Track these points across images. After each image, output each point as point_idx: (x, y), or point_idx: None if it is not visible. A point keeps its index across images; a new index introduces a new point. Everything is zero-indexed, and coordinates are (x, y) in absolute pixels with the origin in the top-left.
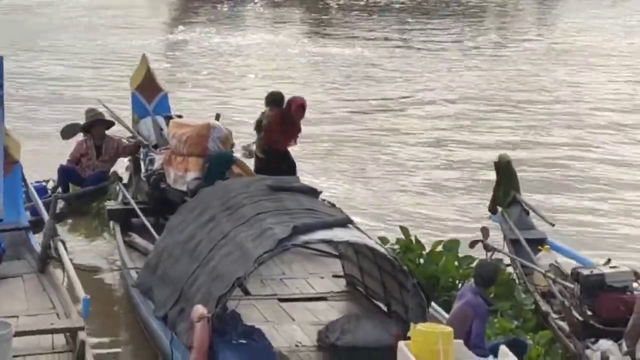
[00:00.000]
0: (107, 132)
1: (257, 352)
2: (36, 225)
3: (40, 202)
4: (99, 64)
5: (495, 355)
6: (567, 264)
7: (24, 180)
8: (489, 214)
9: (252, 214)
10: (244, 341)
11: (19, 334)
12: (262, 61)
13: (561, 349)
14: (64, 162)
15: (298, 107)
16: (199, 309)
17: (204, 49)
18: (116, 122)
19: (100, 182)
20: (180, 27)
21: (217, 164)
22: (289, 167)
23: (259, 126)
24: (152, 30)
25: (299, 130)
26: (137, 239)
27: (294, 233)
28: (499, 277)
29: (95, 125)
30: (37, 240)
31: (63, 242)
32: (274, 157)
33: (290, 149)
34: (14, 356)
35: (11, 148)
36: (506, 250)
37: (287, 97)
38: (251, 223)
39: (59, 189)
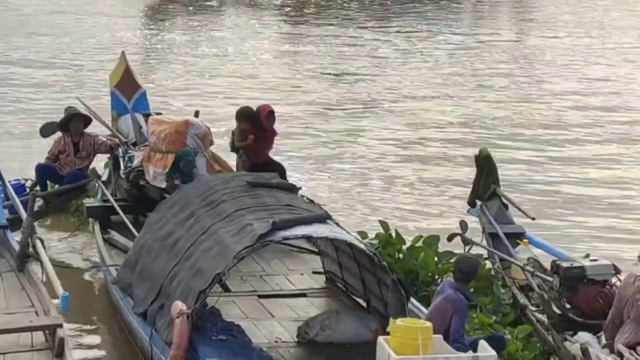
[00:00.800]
0: (86, 130)
1: (237, 348)
2: (14, 223)
3: (18, 201)
4: (75, 61)
5: (475, 351)
6: (545, 259)
7: (1, 178)
8: (467, 207)
9: (232, 210)
10: (223, 337)
11: None
12: (237, 61)
13: (539, 343)
14: (42, 161)
15: (267, 115)
16: (178, 305)
17: (180, 48)
18: (95, 120)
19: (79, 180)
20: (155, 26)
21: (181, 162)
22: (280, 174)
23: (233, 145)
24: (128, 27)
25: (275, 134)
26: (116, 236)
27: (274, 229)
28: (479, 272)
29: (73, 120)
30: (15, 238)
31: (41, 240)
32: (261, 171)
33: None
34: None
35: None
36: (485, 244)
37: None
38: (231, 219)
39: (37, 187)
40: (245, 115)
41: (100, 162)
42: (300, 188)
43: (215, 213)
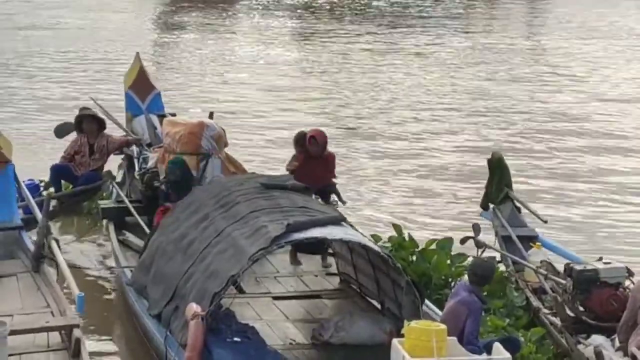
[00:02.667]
0: (104, 131)
1: (251, 350)
2: (28, 223)
3: (33, 201)
4: (89, 63)
5: (489, 353)
6: (558, 262)
7: (16, 179)
8: (480, 210)
9: (246, 212)
10: (238, 339)
11: (14, 332)
12: (252, 66)
13: (552, 346)
14: (57, 162)
15: (310, 139)
16: (193, 307)
17: (194, 50)
18: (110, 121)
19: (93, 182)
20: (169, 31)
21: (173, 168)
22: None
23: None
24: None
25: (328, 161)
26: (131, 237)
27: (288, 231)
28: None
29: (84, 122)
30: (30, 238)
31: (57, 241)
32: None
33: None
34: (10, 355)
35: (3, 148)
36: (497, 246)
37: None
38: (245, 221)
39: (52, 188)
40: (295, 140)
41: (114, 163)
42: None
43: (230, 215)
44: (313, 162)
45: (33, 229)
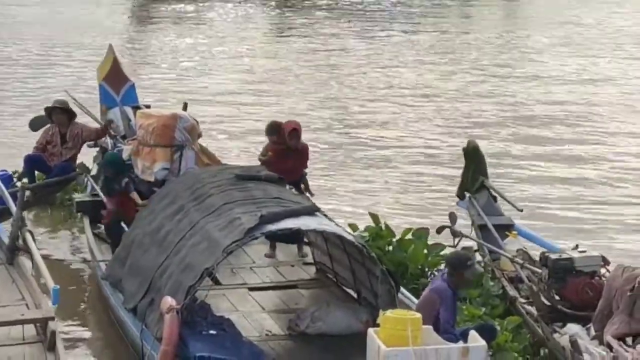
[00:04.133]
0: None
1: (227, 342)
2: (1, 215)
3: (6, 192)
4: (66, 54)
5: (465, 341)
6: (535, 250)
7: None
8: (456, 199)
9: (220, 204)
10: (213, 331)
11: None
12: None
13: (528, 334)
14: (30, 152)
15: (290, 132)
16: (168, 301)
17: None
18: (85, 113)
19: (67, 173)
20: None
21: (108, 165)
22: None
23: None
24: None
25: (303, 153)
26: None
27: (262, 222)
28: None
29: (54, 112)
30: (3, 229)
31: (31, 233)
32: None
33: None
34: None
35: None
36: (474, 236)
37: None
38: (219, 212)
39: (25, 179)
40: (269, 130)
41: (88, 157)
42: None
43: (204, 207)
44: (286, 154)
45: (6, 220)
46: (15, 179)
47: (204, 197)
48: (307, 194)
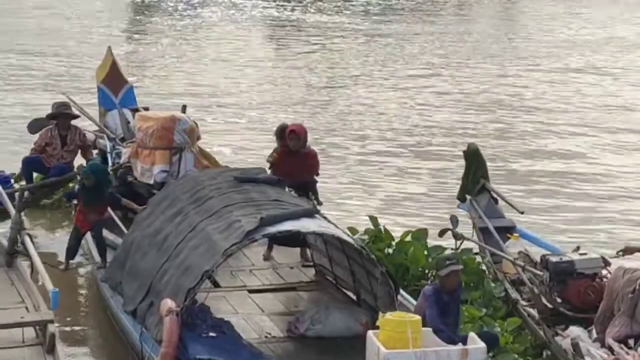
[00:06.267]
0: (72, 122)
1: (227, 345)
2: None
3: (4, 194)
4: (61, 56)
5: (465, 344)
6: (536, 252)
7: None
8: (457, 202)
9: (220, 206)
10: (213, 334)
11: None
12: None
13: (530, 336)
14: (27, 153)
15: (288, 134)
16: (168, 303)
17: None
18: (82, 116)
19: (65, 173)
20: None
21: (102, 172)
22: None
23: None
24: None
25: (308, 157)
26: (105, 233)
27: (261, 225)
28: (470, 267)
29: (60, 117)
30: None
31: (30, 236)
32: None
33: None
34: None
35: None
36: (475, 238)
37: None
38: (219, 215)
39: (23, 180)
40: (277, 133)
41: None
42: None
43: (203, 210)
44: (291, 157)
45: (3, 222)
46: (12, 181)
47: (203, 200)
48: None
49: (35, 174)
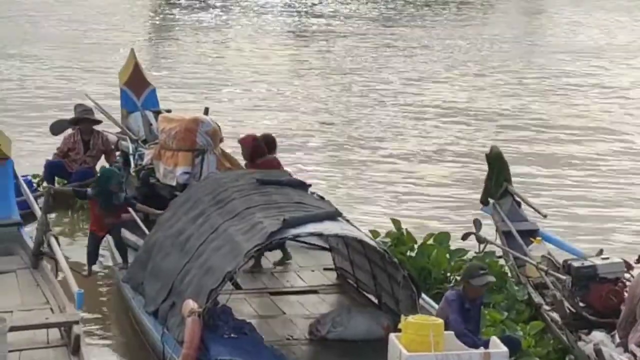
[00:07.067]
0: (95, 127)
1: (249, 346)
2: (24, 219)
3: (31, 196)
4: (86, 59)
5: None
6: (560, 255)
7: (15, 175)
8: (480, 205)
9: (242, 208)
10: (235, 335)
11: (13, 329)
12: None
13: (553, 340)
14: (50, 158)
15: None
16: (190, 304)
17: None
18: (106, 118)
19: (87, 178)
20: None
21: (104, 179)
22: None
23: None
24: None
25: (261, 166)
26: (127, 234)
27: (284, 227)
28: (493, 270)
29: (82, 121)
30: (27, 233)
31: (56, 238)
32: None
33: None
34: (9, 351)
35: (1, 144)
36: (498, 242)
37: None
38: (241, 217)
39: (44, 184)
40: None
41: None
42: (310, 185)
43: (225, 211)
44: (252, 165)
45: (28, 224)
46: (35, 184)
47: (225, 202)
48: None
49: (57, 179)
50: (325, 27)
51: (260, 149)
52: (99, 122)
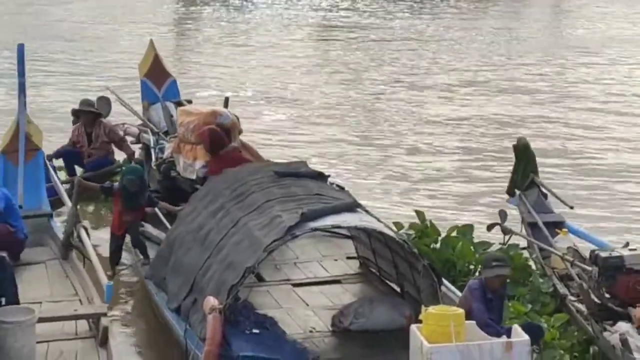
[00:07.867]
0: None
1: (271, 341)
2: (53, 205)
3: (60, 186)
4: (106, 49)
5: (509, 337)
6: (585, 248)
7: (46, 165)
8: (506, 196)
9: (261, 202)
10: (257, 330)
11: (42, 320)
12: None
13: (577, 332)
14: (59, 147)
15: None
16: (211, 300)
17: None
18: (126, 109)
19: (103, 167)
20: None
21: (128, 174)
22: None
23: None
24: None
25: (222, 159)
26: (149, 228)
27: (302, 220)
28: (517, 262)
29: (81, 114)
30: (57, 224)
31: (86, 229)
32: None
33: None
34: (38, 342)
35: (33, 135)
36: (524, 233)
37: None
38: (260, 210)
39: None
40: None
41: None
42: (329, 176)
43: (245, 205)
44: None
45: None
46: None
47: (245, 195)
48: None
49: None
50: (349, 21)
51: (219, 139)
52: (99, 114)
